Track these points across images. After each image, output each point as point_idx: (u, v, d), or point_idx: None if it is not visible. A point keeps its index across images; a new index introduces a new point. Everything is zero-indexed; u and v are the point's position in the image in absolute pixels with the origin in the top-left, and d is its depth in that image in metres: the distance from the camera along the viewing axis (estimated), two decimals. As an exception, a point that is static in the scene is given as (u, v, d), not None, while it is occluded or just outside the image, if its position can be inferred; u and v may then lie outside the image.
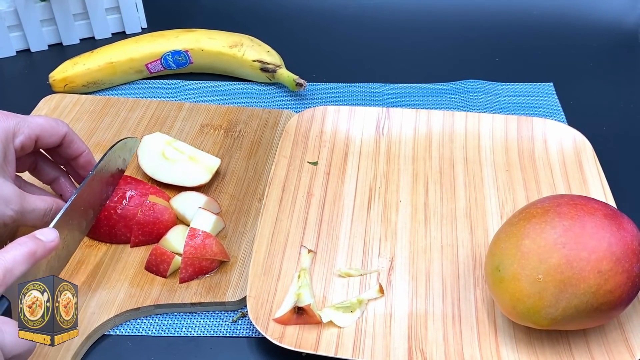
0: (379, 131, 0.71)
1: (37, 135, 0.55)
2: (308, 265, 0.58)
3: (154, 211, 0.59)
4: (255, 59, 0.80)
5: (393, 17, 0.93)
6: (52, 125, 0.56)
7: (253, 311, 0.53)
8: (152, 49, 0.80)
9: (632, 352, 0.50)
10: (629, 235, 0.49)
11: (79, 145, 0.59)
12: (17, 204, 0.52)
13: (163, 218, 0.59)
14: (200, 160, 0.66)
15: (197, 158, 0.66)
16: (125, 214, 0.59)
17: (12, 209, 0.51)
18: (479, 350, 0.52)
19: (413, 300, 0.56)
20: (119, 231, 0.59)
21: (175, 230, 0.59)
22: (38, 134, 0.55)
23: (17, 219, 0.52)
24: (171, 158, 0.65)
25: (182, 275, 0.56)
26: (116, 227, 0.59)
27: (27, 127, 0.54)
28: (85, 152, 0.59)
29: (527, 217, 0.51)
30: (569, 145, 0.69)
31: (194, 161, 0.65)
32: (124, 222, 0.59)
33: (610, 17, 0.90)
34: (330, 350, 0.51)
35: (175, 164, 0.65)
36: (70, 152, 0.58)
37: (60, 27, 0.87)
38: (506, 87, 0.81)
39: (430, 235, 0.61)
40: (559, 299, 0.47)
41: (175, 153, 0.66)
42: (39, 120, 0.56)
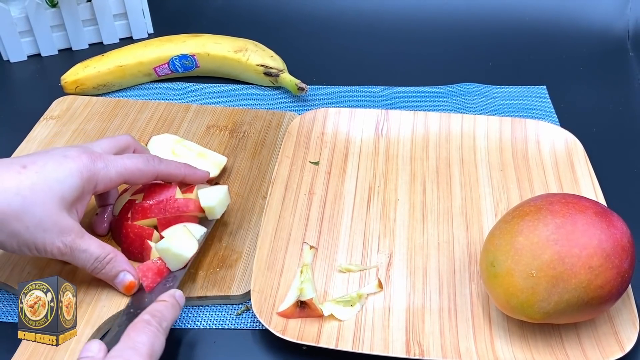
0: (378, 132, 0.71)
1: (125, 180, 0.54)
2: (310, 260, 0.58)
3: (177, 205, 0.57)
4: (259, 63, 0.80)
5: (391, 24, 0.93)
6: (141, 169, 0.54)
7: (257, 305, 0.53)
8: (160, 53, 0.81)
9: (622, 345, 0.51)
10: (619, 232, 0.49)
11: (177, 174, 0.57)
12: (71, 240, 0.50)
13: (188, 209, 0.57)
14: (209, 157, 0.66)
15: (206, 155, 0.66)
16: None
17: (63, 242, 0.49)
18: (474, 342, 0.52)
19: (411, 295, 0.56)
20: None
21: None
22: (127, 179, 0.54)
23: (66, 254, 0.50)
24: (181, 155, 0.66)
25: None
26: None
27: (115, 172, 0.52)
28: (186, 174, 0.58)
29: (520, 215, 0.51)
30: (561, 145, 0.69)
31: (203, 157, 0.66)
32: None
33: (600, 24, 0.90)
34: (331, 342, 0.52)
35: (185, 160, 0.65)
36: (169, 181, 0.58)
37: (70, 33, 0.87)
38: (501, 90, 0.81)
39: (427, 232, 0.61)
40: (551, 293, 0.48)
41: (184, 150, 0.66)
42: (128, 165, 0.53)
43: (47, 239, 0.49)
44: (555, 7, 0.92)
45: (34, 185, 0.48)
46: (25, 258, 0.58)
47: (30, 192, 0.48)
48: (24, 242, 0.49)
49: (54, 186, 0.49)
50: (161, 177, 0.57)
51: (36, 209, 0.48)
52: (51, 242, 0.49)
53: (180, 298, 0.51)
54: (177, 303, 0.50)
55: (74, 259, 0.51)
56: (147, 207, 0.57)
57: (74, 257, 0.51)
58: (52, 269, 0.57)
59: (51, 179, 0.49)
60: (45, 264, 0.58)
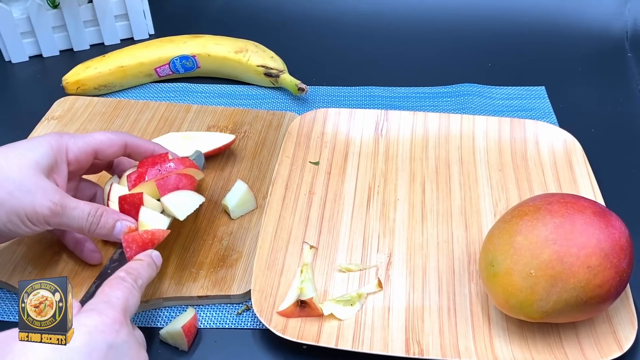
0: (377, 132, 0.71)
1: (94, 148, 0.55)
2: (310, 260, 0.58)
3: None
4: (260, 64, 0.80)
5: (390, 25, 0.93)
6: (110, 137, 0.56)
7: (257, 304, 0.53)
8: (161, 53, 0.81)
9: (620, 344, 0.51)
10: (617, 232, 0.49)
11: (146, 147, 0.58)
12: (59, 198, 0.50)
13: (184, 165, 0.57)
14: (216, 135, 0.69)
15: (213, 134, 0.69)
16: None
17: (52, 201, 0.50)
18: (473, 342, 0.52)
19: (410, 294, 0.56)
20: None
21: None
22: (95, 147, 0.55)
23: (58, 213, 0.50)
24: (190, 137, 0.68)
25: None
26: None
27: (82, 142, 0.54)
28: (155, 149, 0.58)
29: (519, 215, 0.51)
30: (560, 146, 0.69)
31: (212, 135, 0.69)
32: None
33: (599, 25, 0.90)
34: (331, 341, 0.52)
35: (197, 140, 0.68)
36: (140, 156, 0.58)
37: (71, 34, 0.87)
38: (500, 90, 0.81)
39: (426, 232, 0.61)
40: (550, 293, 0.48)
41: (192, 134, 0.69)
42: (96, 136, 0.55)
43: (35, 200, 0.49)
44: (554, 8, 0.92)
45: (6, 155, 0.50)
46: (25, 258, 0.58)
47: (4, 160, 0.50)
48: (13, 211, 0.49)
49: (26, 153, 0.51)
50: (130, 149, 0.57)
51: (14, 173, 0.49)
52: (40, 203, 0.49)
53: (157, 258, 0.52)
54: (153, 262, 0.51)
55: (68, 219, 0.51)
56: (142, 172, 0.56)
57: (67, 216, 0.51)
58: (53, 268, 0.57)
59: (22, 148, 0.51)
60: (47, 262, 0.58)
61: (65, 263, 0.58)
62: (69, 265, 0.58)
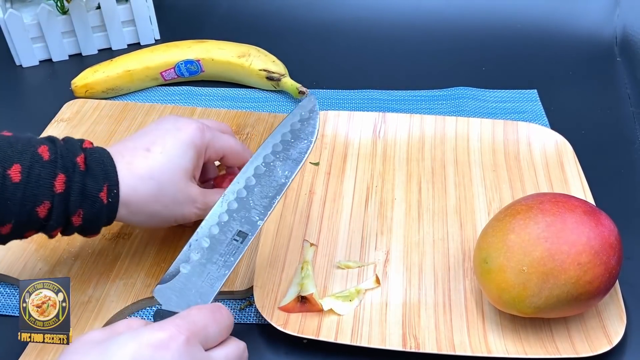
0: (375, 134, 0.71)
1: (225, 154, 0.56)
2: (310, 257, 0.58)
3: None
4: (262, 68, 0.80)
5: (388, 31, 0.93)
6: (240, 151, 0.56)
7: (259, 300, 0.53)
8: (167, 58, 0.81)
9: (609, 338, 0.51)
10: (607, 230, 0.49)
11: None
12: (201, 203, 0.53)
13: None
14: None
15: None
16: None
17: (197, 207, 0.53)
18: (467, 336, 0.52)
19: (407, 290, 0.56)
20: None
21: None
22: (226, 153, 0.56)
23: (202, 215, 0.52)
24: None
25: None
26: None
27: (219, 145, 0.55)
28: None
29: (512, 214, 0.51)
30: (551, 147, 0.69)
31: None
32: None
33: (589, 31, 0.90)
34: (330, 336, 0.52)
35: None
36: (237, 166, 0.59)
37: (80, 39, 0.87)
38: (493, 93, 0.81)
39: (423, 230, 0.61)
40: (542, 289, 0.48)
41: None
42: (230, 142, 0.56)
43: (184, 210, 0.53)
44: (546, 14, 0.92)
45: (162, 166, 0.51)
46: (36, 255, 0.58)
47: (161, 174, 0.51)
48: (164, 219, 0.53)
49: (178, 163, 0.52)
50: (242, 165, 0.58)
51: (170, 188, 0.51)
52: (189, 211, 0.53)
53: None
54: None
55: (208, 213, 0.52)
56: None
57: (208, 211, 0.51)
58: (62, 266, 0.57)
59: (174, 156, 0.51)
60: (56, 261, 0.58)
61: (73, 261, 0.58)
62: (77, 263, 0.58)
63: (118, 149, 0.51)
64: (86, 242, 0.59)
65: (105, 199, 0.48)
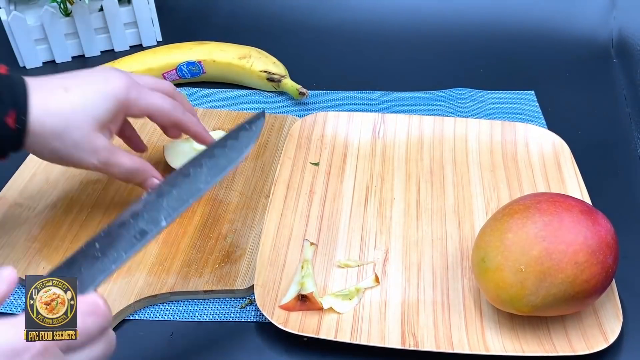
0: (375, 135, 0.71)
1: (151, 113, 0.56)
2: (310, 256, 0.58)
3: None
4: (262, 69, 0.80)
5: (387, 33, 0.93)
6: (167, 110, 0.56)
7: (260, 298, 0.53)
8: (169, 59, 0.81)
9: (606, 336, 0.51)
10: (603, 230, 0.49)
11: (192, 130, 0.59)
12: (104, 157, 0.53)
13: None
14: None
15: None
16: None
17: (98, 160, 0.53)
18: (466, 334, 0.52)
19: (406, 289, 0.56)
20: None
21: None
22: (152, 112, 0.56)
23: (100, 169, 0.53)
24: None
25: None
26: None
27: (145, 104, 0.55)
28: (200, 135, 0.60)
29: (510, 213, 0.51)
30: (549, 148, 0.69)
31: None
32: None
33: (586, 32, 0.90)
34: (330, 334, 0.52)
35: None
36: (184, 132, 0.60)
37: (83, 40, 0.87)
38: (491, 94, 0.81)
39: (421, 229, 0.61)
40: (539, 287, 0.48)
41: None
42: (157, 101, 0.56)
43: (83, 156, 0.52)
44: (543, 16, 0.92)
45: (74, 108, 0.51)
46: (40, 254, 0.58)
47: (71, 114, 0.51)
48: (62, 159, 0.53)
49: (91, 110, 0.52)
50: (179, 127, 0.59)
51: (75, 131, 0.51)
52: (87, 159, 0.53)
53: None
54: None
55: (108, 173, 0.55)
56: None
57: (107, 171, 0.54)
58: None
59: (90, 104, 0.52)
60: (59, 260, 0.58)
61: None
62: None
63: (40, 82, 0.52)
64: (89, 241, 0.59)
65: (12, 125, 0.49)
